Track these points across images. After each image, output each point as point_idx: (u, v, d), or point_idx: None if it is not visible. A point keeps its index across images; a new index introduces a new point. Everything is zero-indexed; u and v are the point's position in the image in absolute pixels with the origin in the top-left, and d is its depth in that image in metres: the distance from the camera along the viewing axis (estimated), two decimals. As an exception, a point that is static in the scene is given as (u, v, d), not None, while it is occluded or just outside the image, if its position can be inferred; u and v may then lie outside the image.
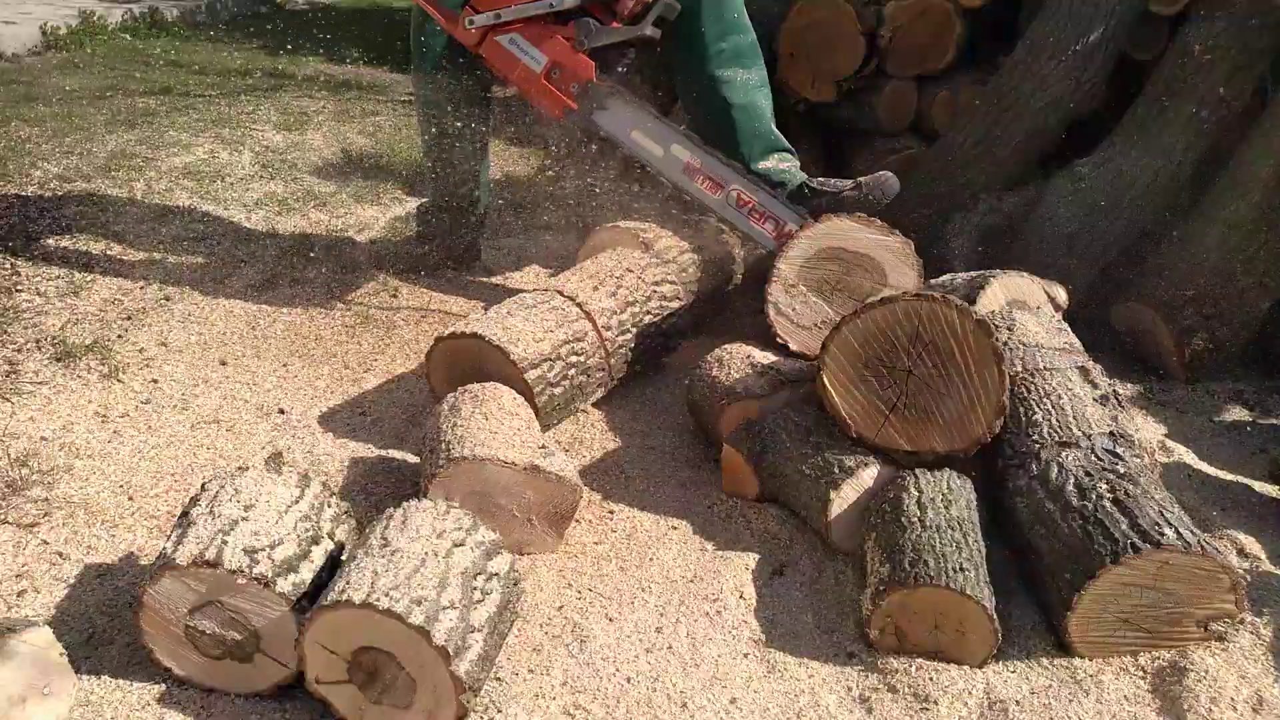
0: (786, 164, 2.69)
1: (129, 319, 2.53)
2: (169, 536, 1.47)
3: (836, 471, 1.86)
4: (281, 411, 2.22)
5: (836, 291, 2.29)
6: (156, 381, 2.28)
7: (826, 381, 1.88)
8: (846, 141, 3.59)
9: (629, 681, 1.55)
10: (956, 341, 1.79)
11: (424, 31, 2.70)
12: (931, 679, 1.56)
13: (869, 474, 1.86)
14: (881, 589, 1.61)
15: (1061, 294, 2.42)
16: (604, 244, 2.65)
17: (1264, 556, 1.90)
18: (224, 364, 2.39)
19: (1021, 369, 2.00)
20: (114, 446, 2.03)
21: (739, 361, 2.18)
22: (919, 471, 1.82)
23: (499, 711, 1.46)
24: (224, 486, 1.53)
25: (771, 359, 2.20)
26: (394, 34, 6.17)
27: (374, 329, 2.64)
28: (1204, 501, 2.10)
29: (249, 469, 1.58)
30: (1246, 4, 2.71)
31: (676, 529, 1.94)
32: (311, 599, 1.43)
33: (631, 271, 2.43)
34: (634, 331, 2.35)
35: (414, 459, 2.07)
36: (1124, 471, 1.74)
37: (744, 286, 2.82)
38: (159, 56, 5.51)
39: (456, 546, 1.47)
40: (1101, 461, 1.77)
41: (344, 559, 1.51)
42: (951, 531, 1.66)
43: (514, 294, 2.32)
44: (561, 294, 2.28)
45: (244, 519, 1.47)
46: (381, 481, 2.01)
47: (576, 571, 1.80)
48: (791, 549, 1.89)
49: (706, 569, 1.82)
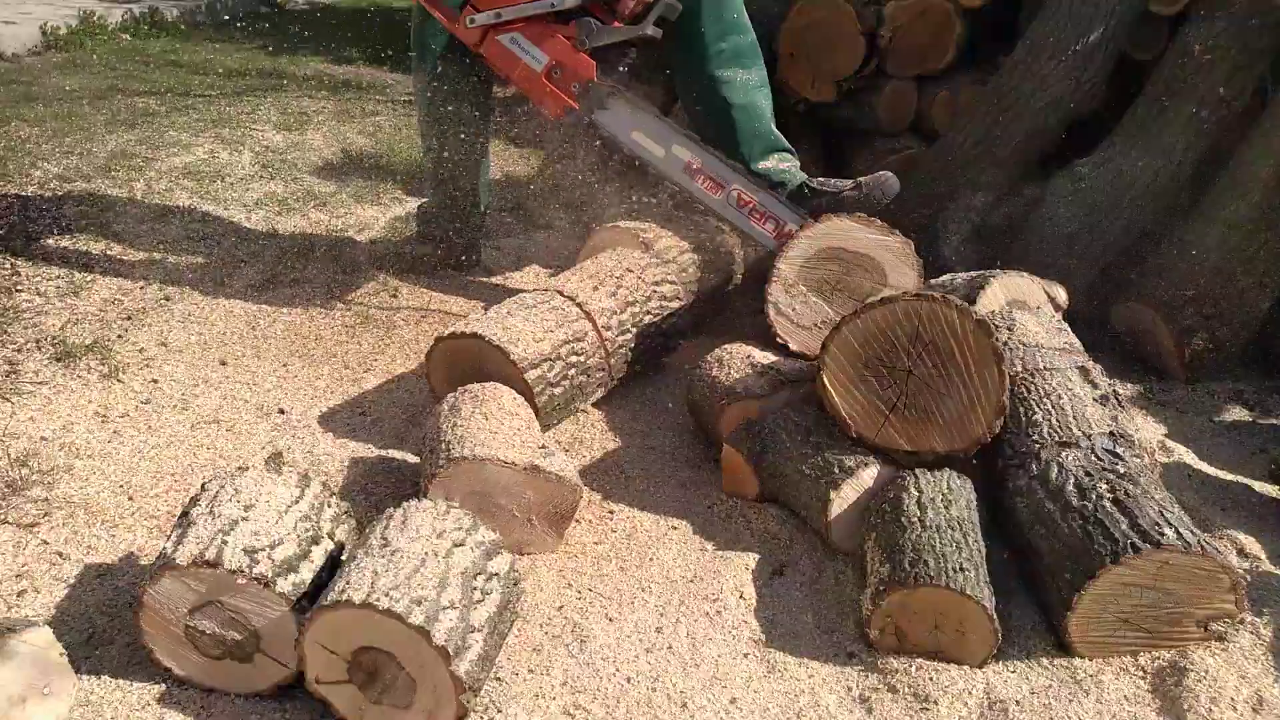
0: (787, 164, 2.69)
1: (129, 319, 2.53)
2: (169, 536, 1.48)
3: (836, 471, 1.86)
4: (281, 411, 2.22)
5: (836, 291, 2.30)
6: (156, 381, 2.28)
7: (826, 381, 1.88)
8: (846, 141, 3.59)
9: (629, 681, 1.55)
10: (956, 341, 1.79)
11: (425, 31, 2.70)
12: (931, 679, 1.56)
13: (869, 474, 1.86)
14: (881, 589, 1.61)
15: (1061, 294, 2.42)
16: (604, 244, 2.65)
17: (1264, 556, 1.90)
18: (224, 364, 2.39)
19: (1021, 369, 2.00)
20: (114, 446, 2.03)
21: (739, 361, 2.18)
22: (919, 471, 1.82)
23: (499, 711, 1.46)
24: (224, 486, 1.53)
25: (771, 359, 2.20)
26: (394, 34, 6.18)
27: (374, 329, 2.64)
28: (1204, 501, 2.10)
29: (249, 469, 1.58)
30: (1246, 4, 2.71)
31: (676, 529, 1.94)
32: (311, 599, 1.43)
33: (631, 271, 2.43)
34: (634, 331, 2.35)
35: (414, 459, 2.07)
36: (1124, 471, 1.74)
37: (744, 286, 2.82)
38: (159, 56, 5.51)
39: (456, 546, 1.48)
40: (1101, 461, 1.77)
41: (344, 559, 1.51)
42: (951, 531, 1.66)
43: (514, 294, 2.32)
44: (561, 294, 2.28)
45: (244, 519, 1.47)
46: (381, 481, 2.01)
47: (576, 571, 1.80)
48: (791, 549, 1.89)
49: (706, 569, 1.82)
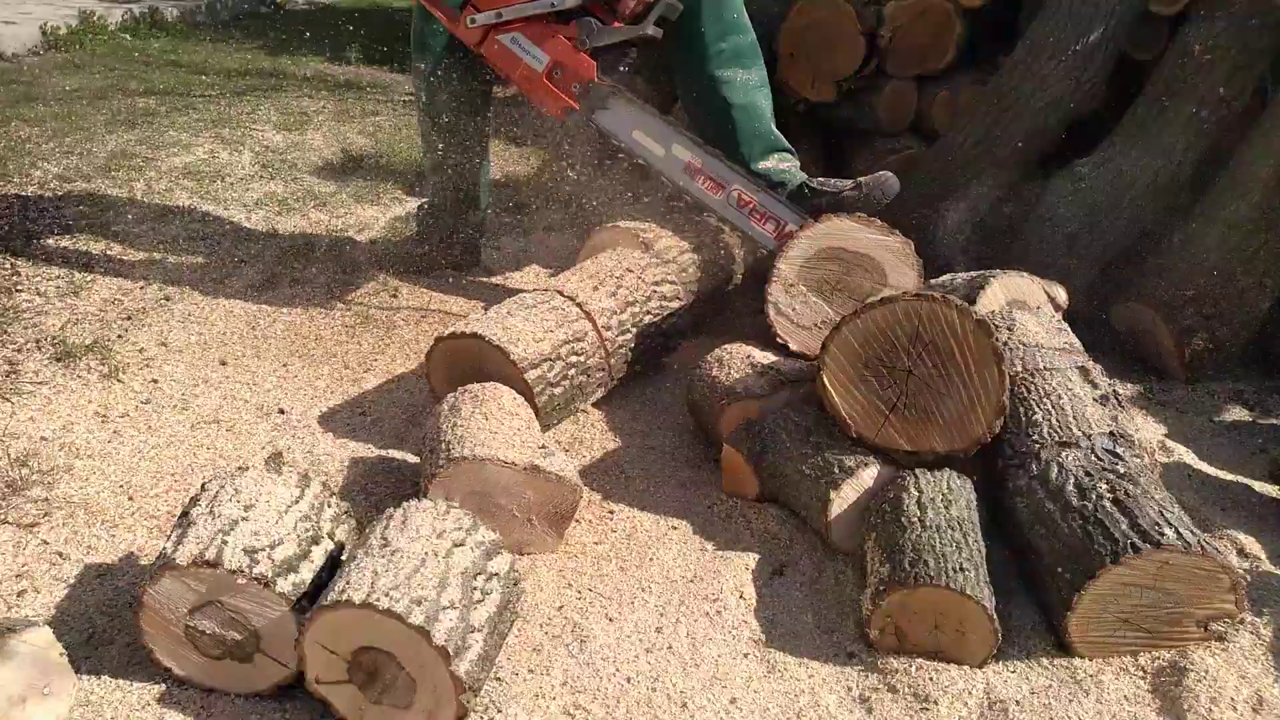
0: (787, 164, 2.69)
1: (129, 319, 2.53)
2: (169, 536, 1.48)
3: (836, 471, 1.86)
4: (281, 411, 2.22)
5: (836, 291, 2.30)
6: (156, 381, 2.28)
7: (826, 381, 1.88)
8: (846, 141, 3.58)
9: (629, 681, 1.55)
10: (956, 341, 1.79)
11: (425, 30, 2.70)
12: (931, 679, 1.56)
13: (869, 474, 1.86)
14: (881, 589, 1.61)
15: (1061, 294, 2.42)
16: (604, 244, 2.65)
17: (1264, 556, 1.90)
18: (224, 364, 2.39)
19: (1021, 369, 2.00)
20: (114, 446, 2.03)
21: (739, 361, 2.18)
22: (919, 471, 1.82)
23: (499, 711, 1.46)
24: (224, 486, 1.53)
25: (771, 359, 2.20)
26: (394, 34, 6.18)
27: (374, 329, 2.64)
28: (1204, 501, 2.10)
29: (249, 469, 1.58)
30: (1246, 4, 2.71)
31: (676, 529, 1.94)
32: (311, 599, 1.43)
33: (631, 271, 2.43)
34: (634, 331, 2.35)
35: (414, 459, 2.07)
36: (1124, 471, 1.74)
37: (744, 286, 2.82)
38: (159, 56, 5.51)
39: (456, 546, 1.48)
40: (1101, 461, 1.77)
41: (344, 559, 1.51)
42: (951, 531, 1.66)
43: (514, 294, 2.32)
44: (561, 294, 2.28)
45: (244, 519, 1.47)
46: (381, 481, 2.01)
47: (576, 571, 1.80)
48: (791, 549, 1.89)
49: (706, 569, 1.82)
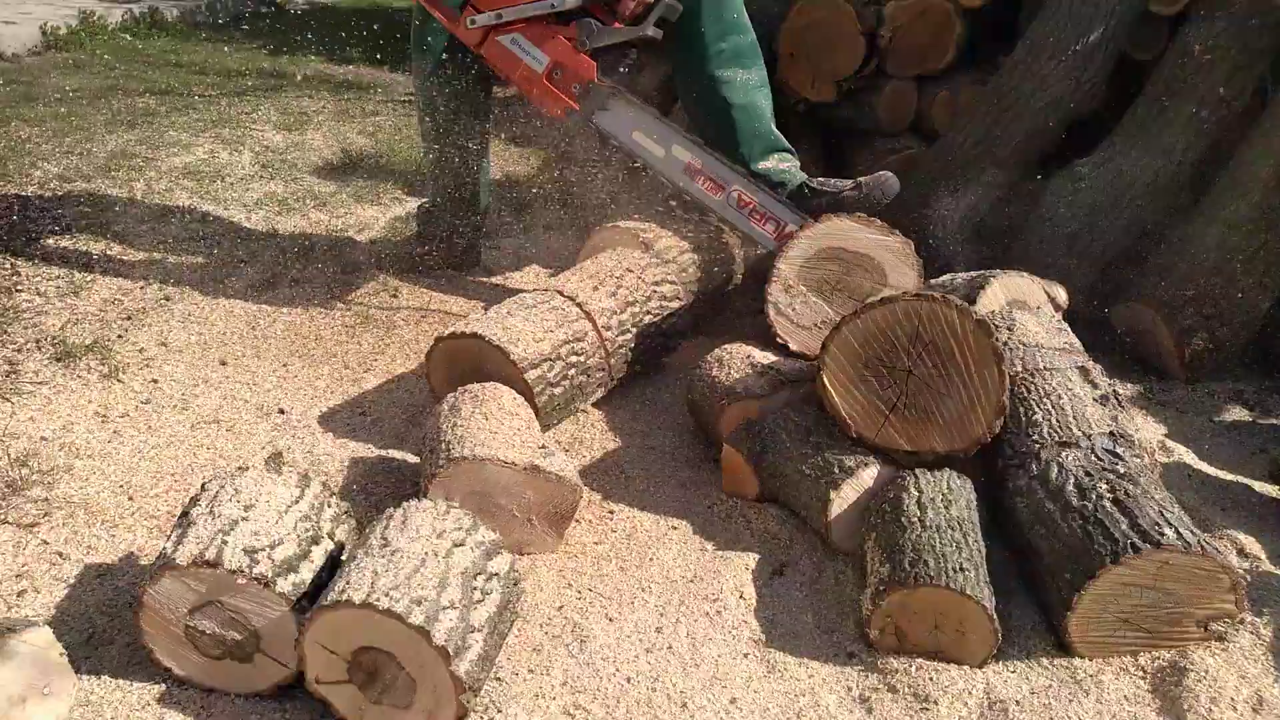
0: (787, 164, 2.69)
1: (129, 319, 2.53)
2: (169, 536, 1.48)
3: (836, 471, 1.86)
4: (281, 411, 2.22)
5: (836, 291, 2.30)
6: (156, 381, 2.28)
7: (826, 381, 1.88)
8: (846, 141, 3.58)
9: (629, 681, 1.55)
10: (956, 341, 1.79)
11: (425, 31, 2.70)
12: (931, 679, 1.56)
13: (869, 474, 1.86)
14: (881, 589, 1.61)
15: (1061, 294, 2.42)
16: (604, 244, 2.65)
17: (1264, 556, 1.90)
18: (224, 364, 2.39)
19: (1021, 369, 2.00)
20: (114, 446, 2.03)
21: (739, 361, 2.18)
22: (919, 471, 1.82)
23: (499, 711, 1.46)
24: (224, 486, 1.53)
25: (771, 359, 2.20)
26: (394, 34, 6.17)
27: (374, 329, 2.64)
28: (1204, 501, 2.10)
29: (249, 469, 1.58)
30: (1246, 4, 2.71)
31: (676, 529, 1.94)
32: (311, 599, 1.43)
33: (631, 271, 2.43)
34: (634, 331, 2.35)
35: (414, 459, 2.07)
36: (1124, 471, 1.74)
37: (744, 286, 2.82)
38: (159, 56, 5.51)
39: (456, 546, 1.48)
40: (1101, 461, 1.77)
41: (344, 559, 1.51)
42: (951, 531, 1.66)
43: (514, 294, 2.32)
44: (561, 294, 2.28)
45: (244, 519, 1.47)
46: (381, 481, 2.01)
47: (576, 571, 1.80)
48: (791, 549, 1.89)
49: (706, 569, 1.81)
